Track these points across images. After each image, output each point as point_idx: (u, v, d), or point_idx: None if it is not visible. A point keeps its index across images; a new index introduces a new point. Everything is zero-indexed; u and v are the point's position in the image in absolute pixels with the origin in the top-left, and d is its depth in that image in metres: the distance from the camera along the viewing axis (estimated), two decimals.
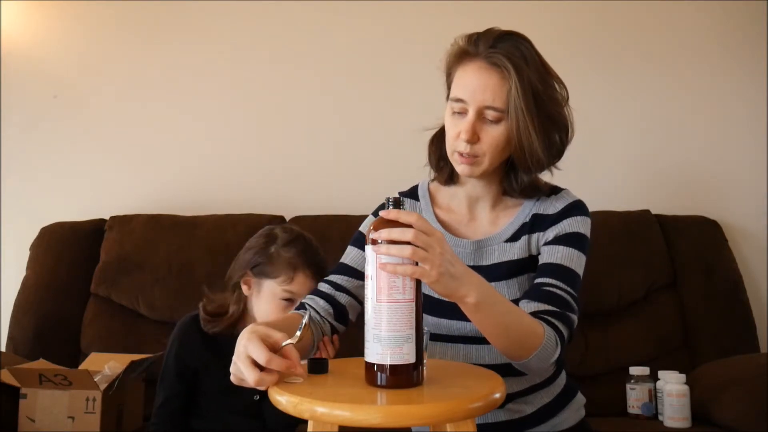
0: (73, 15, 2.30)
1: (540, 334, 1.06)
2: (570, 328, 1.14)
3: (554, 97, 1.21)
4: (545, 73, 1.20)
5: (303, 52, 2.31)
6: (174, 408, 1.46)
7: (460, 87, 1.19)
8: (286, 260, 1.45)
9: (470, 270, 0.99)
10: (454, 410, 0.88)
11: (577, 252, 1.22)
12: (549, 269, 1.20)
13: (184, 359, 1.47)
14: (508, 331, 1.04)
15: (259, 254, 1.48)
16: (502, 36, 1.18)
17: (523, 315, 1.07)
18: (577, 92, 2.29)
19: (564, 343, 1.12)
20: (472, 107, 1.17)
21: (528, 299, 1.17)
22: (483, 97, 1.16)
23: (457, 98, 1.19)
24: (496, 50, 1.15)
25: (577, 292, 1.19)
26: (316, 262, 1.49)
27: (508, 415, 1.25)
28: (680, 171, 2.29)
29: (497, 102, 1.16)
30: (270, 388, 0.93)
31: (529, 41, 1.20)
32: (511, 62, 1.14)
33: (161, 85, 2.30)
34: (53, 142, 2.27)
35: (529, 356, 1.06)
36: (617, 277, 1.99)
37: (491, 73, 1.16)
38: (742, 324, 2.02)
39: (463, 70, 1.20)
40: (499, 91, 1.15)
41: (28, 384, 1.55)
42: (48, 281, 2.01)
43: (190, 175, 2.27)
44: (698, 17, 2.32)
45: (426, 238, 0.91)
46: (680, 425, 1.70)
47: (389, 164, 2.26)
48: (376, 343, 0.93)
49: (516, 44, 1.17)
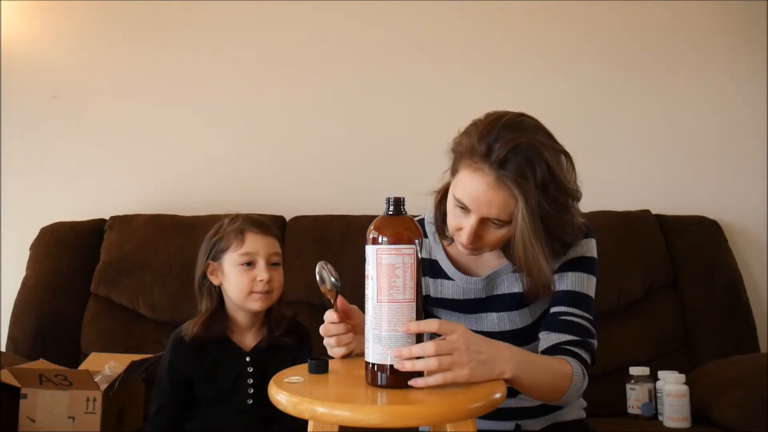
0: (73, 15, 2.30)
1: (569, 374, 1.11)
2: (592, 354, 1.18)
3: (563, 205, 1.15)
4: (556, 184, 1.12)
5: (303, 52, 2.30)
6: (168, 416, 1.46)
7: (465, 193, 1.13)
8: (232, 230, 1.50)
9: (497, 344, 1.01)
10: (454, 410, 0.88)
11: (587, 275, 1.24)
12: (563, 297, 1.22)
13: (178, 368, 1.47)
14: (541, 386, 1.08)
15: (210, 240, 1.53)
16: (515, 145, 1.08)
17: (551, 363, 1.11)
18: (577, 92, 2.32)
19: (589, 370, 1.16)
20: (475, 216, 1.13)
21: (548, 330, 1.20)
22: (488, 212, 1.12)
23: (461, 202, 1.14)
24: (506, 171, 1.08)
25: (592, 315, 1.22)
26: (261, 222, 1.53)
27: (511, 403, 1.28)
28: (680, 171, 2.29)
29: (502, 216, 1.12)
30: (270, 388, 0.95)
31: (540, 141, 1.11)
32: (520, 187, 1.08)
33: (161, 85, 2.30)
34: (53, 142, 2.27)
35: (562, 398, 1.12)
36: (617, 277, 1.99)
37: (498, 192, 1.10)
38: (742, 324, 2.02)
39: (470, 177, 1.12)
40: (505, 208, 1.11)
41: (28, 384, 1.55)
42: (48, 281, 2.01)
43: (190, 175, 2.27)
44: (698, 18, 2.32)
45: (448, 344, 0.93)
46: (680, 425, 1.70)
47: (389, 164, 2.26)
48: (377, 343, 0.93)
49: (528, 158, 1.08)
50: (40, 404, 1.54)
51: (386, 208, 0.98)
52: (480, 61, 2.30)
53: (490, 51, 2.31)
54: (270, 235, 1.51)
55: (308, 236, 2.04)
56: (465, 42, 2.31)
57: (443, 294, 1.31)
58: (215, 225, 1.56)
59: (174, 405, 1.47)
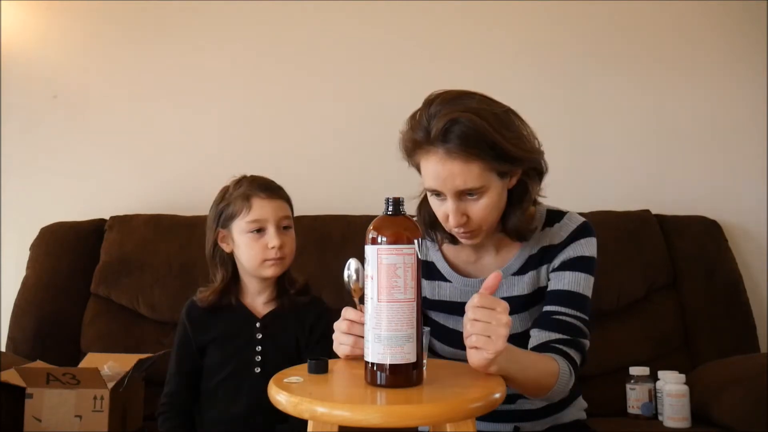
0: (73, 15, 2.29)
1: (555, 372, 1.12)
2: (582, 353, 1.19)
3: (520, 136, 1.17)
4: (500, 123, 1.14)
5: (303, 52, 2.30)
6: (177, 403, 1.48)
7: (430, 179, 1.16)
8: (238, 195, 1.46)
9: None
10: (454, 410, 0.88)
11: (585, 275, 1.25)
12: (557, 296, 1.23)
13: (190, 337, 1.48)
14: (526, 381, 1.09)
15: (217, 207, 1.50)
16: (449, 120, 1.11)
17: (538, 360, 1.12)
18: (577, 92, 2.32)
19: (578, 369, 1.17)
20: (449, 194, 1.15)
21: (539, 328, 1.21)
22: (454, 184, 1.13)
23: (431, 189, 1.18)
24: (450, 142, 1.11)
25: (587, 314, 1.22)
26: (267, 184, 1.49)
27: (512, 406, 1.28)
28: (680, 171, 2.29)
29: (469, 183, 1.13)
30: (270, 388, 0.95)
31: (469, 106, 1.13)
32: (468, 147, 1.11)
33: (161, 85, 2.29)
34: (53, 142, 2.27)
35: (547, 394, 1.13)
36: (617, 277, 1.99)
37: (453, 163, 1.12)
38: (742, 324, 2.02)
39: (427, 162, 1.16)
40: (468, 174, 1.12)
41: (34, 383, 1.54)
42: (48, 281, 2.01)
43: (190, 175, 2.27)
44: (698, 18, 2.32)
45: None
46: (680, 425, 1.70)
47: (389, 164, 2.24)
48: (377, 342, 0.93)
49: (466, 124, 1.10)
50: (47, 403, 1.53)
51: (385, 208, 0.98)
52: (480, 61, 2.30)
53: (491, 51, 2.31)
54: (278, 198, 1.47)
55: (308, 236, 2.04)
56: (465, 42, 2.31)
57: (441, 296, 1.31)
58: (221, 190, 1.53)
59: (182, 393, 1.48)
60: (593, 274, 1.26)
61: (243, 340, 1.47)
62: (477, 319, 0.96)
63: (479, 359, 0.97)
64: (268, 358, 1.46)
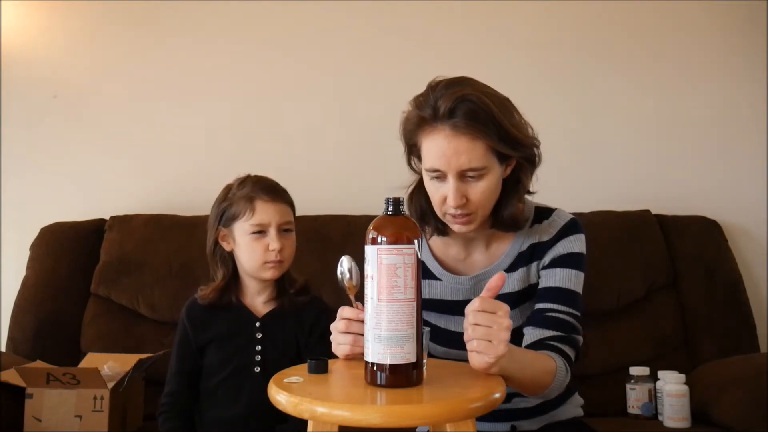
0: (74, 15, 2.29)
1: (552, 370, 1.12)
2: (576, 349, 1.20)
3: (521, 122, 1.20)
4: (509, 119, 1.16)
5: (303, 52, 2.30)
6: (178, 403, 1.48)
7: (433, 157, 1.16)
8: (241, 196, 1.47)
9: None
10: (454, 410, 0.88)
11: (575, 271, 1.25)
12: (549, 293, 1.23)
13: (191, 336, 1.48)
14: (525, 380, 1.09)
15: (220, 205, 1.50)
16: (458, 97, 1.12)
17: (536, 359, 1.12)
18: (577, 92, 2.32)
19: (573, 365, 1.18)
20: (451, 173, 1.15)
21: (532, 326, 1.21)
22: (458, 162, 1.13)
23: (433, 168, 1.17)
24: (458, 118, 1.12)
25: (579, 311, 1.23)
26: (271, 186, 1.49)
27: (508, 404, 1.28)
28: (680, 171, 2.29)
29: (473, 162, 1.14)
30: (270, 388, 0.95)
31: (476, 87, 1.16)
32: (475, 123, 1.12)
33: (161, 85, 2.29)
34: (53, 142, 2.27)
35: (545, 392, 1.13)
36: (617, 276, 1.99)
37: (459, 139, 1.13)
38: (742, 324, 2.02)
39: (431, 141, 1.16)
40: (473, 152, 1.13)
41: (34, 383, 1.54)
42: (48, 281, 2.01)
43: (190, 175, 2.27)
44: (699, 17, 2.32)
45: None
46: (680, 425, 1.70)
47: (389, 164, 2.24)
48: (377, 342, 0.94)
49: (474, 101, 1.12)
50: (47, 403, 1.54)
51: (385, 208, 0.99)
52: (481, 60, 2.29)
53: (491, 50, 2.31)
54: (281, 202, 1.48)
55: (308, 236, 2.03)
56: (466, 41, 2.31)
57: (431, 295, 1.30)
58: (224, 188, 1.53)
59: (182, 393, 1.48)
60: (583, 270, 1.26)
61: (243, 339, 1.47)
62: (478, 323, 0.96)
63: (481, 363, 0.97)
64: (268, 357, 1.46)
